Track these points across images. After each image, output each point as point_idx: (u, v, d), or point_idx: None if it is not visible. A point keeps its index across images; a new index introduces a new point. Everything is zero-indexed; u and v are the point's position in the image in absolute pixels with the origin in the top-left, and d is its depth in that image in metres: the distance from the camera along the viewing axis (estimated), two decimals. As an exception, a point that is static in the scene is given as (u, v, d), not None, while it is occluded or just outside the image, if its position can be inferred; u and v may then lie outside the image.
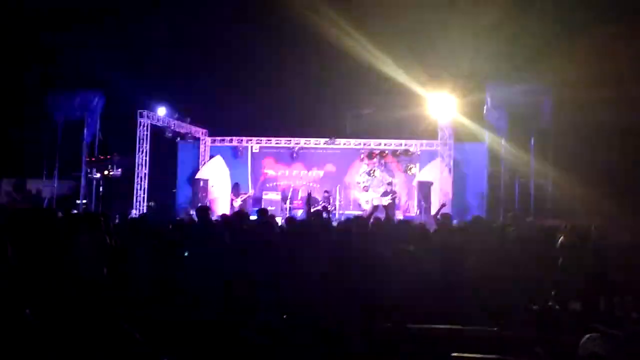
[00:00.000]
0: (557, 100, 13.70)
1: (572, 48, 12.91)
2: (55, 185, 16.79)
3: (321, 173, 20.66)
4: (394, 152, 20.00)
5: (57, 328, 3.99)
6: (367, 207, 17.01)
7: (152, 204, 18.11)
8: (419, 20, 15.37)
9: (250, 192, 19.39)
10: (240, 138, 20.88)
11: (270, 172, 20.95)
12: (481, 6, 14.43)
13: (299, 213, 17.73)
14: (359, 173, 20.45)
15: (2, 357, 3.01)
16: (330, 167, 20.65)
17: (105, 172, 16.26)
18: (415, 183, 19.09)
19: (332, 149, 20.43)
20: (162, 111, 18.38)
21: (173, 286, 5.85)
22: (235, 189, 18.69)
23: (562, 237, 7.58)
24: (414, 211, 18.56)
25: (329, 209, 15.78)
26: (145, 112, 17.58)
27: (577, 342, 2.78)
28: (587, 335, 2.61)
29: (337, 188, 19.19)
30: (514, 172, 15.61)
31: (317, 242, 6.70)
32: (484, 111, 16.09)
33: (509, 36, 14.41)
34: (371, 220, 8.59)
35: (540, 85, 14.33)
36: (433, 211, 16.91)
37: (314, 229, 7.40)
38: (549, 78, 13.60)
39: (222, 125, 20.80)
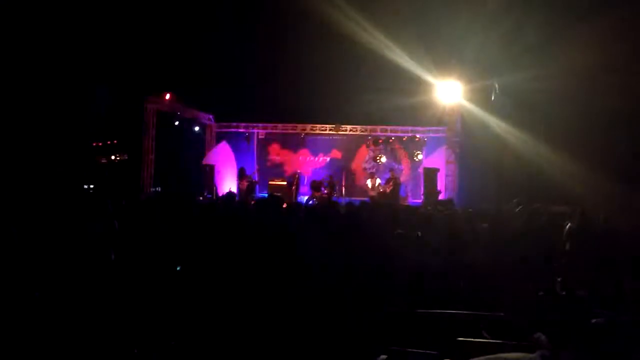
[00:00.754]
0: (566, 86, 13.60)
1: (580, 34, 12.79)
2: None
3: (327, 159, 20.66)
4: (400, 139, 19.96)
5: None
6: (373, 193, 17.00)
7: (158, 189, 18.14)
8: (426, 7, 15.25)
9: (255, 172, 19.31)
10: (247, 124, 20.88)
11: (276, 158, 20.97)
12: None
13: (305, 199, 17.74)
14: (365, 159, 20.45)
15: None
16: (336, 153, 20.64)
17: (112, 157, 16.29)
18: (421, 169, 19.07)
19: (339, 135, 20.41)
20: (168, 96, 18.34)
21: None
22: (241, 173, 18.68)
23: (569, 223, 7.56)
24: (419, 197, 18.55)
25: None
26: (151, 98, 17.57)
27: (583, 328, 2.77)
28: (593, 320, 2.60)
29: (343, 174, 19.21)
30: (521, 158, 15.53)
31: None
32: (491, 98, 16.01)
33: (517, 22, 14.27)
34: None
35: (548, 72, 14.23)
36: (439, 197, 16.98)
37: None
38: (557, 64, 13.48)
39: (228, 111, 20.79)
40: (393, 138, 19.99)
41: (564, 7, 13.50)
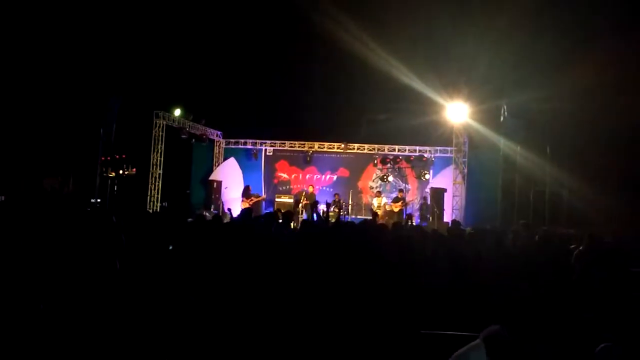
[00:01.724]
0: (574, 107, 13.59)
1: (589, 55, 12.81)
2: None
3: (334, 177, 20.66)
4: (407, 158, 19.96)
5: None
6: (380, 212, 16.95)
7: (165, 204, 18.19)
8: (435, 28, 15.33)
9: (263, 196, 19.33)
10: (255, 140, 20.95)
11: (283, 176, 20.98)
12: (497, 14, 14.37)
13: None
14: (372, 178, 20.43)
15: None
16: (343, 172, 20.65)
17: (120, 172, 16.36)
18: (428, 189, 19.02)
19: (346, 153, 20.43)
20: (177, 112, 18.46)
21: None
22: (246, 192, 18.63)
23: (578, 247, 7.50)
24: (426, 217, 18.48)
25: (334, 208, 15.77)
26: (160, 113, 17.70)
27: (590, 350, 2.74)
28: (602, 345, 2.57)
29: (350, 193, 19.18)
30: (529, 180, 15.48)
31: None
32: (500, 119, 16.00)
33: (525, 44, 14.32)
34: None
35: (556, 93, 14.23)
36: (446, 218, 16.91)
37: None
38: (565, 85, 13.49)
39: (236, 127, 20.88)
40: (401, 157, 19.98)
41: (573, 29, 13.54)
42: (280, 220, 8.34)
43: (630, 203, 11.69)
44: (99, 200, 16.76)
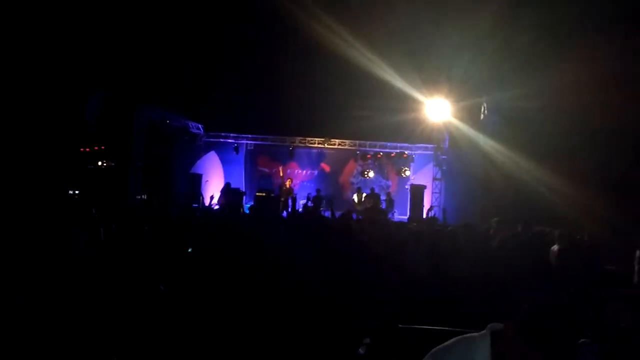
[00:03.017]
0: (553, 104, 13.73)
1: (569, 52, 12.95)
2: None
3: (315, 172, 20.69)
4: (388, 155, 20.06)
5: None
6: (359, 207, 17.01)
7: (144, 197, 18.03)
8: (416, 25, 15.38)
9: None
10: (236, 134, 20.88)
11: (264, 170, 20.96)
12: (477, 12, 14.45)
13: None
14: (352, 174, 20.50)
15: None
16: (324, 167, 20.68)
17: (99, 163, 16.20)
18: (408, 186, 19.14)
19: (327, 148, 20.47)
20: (159, 105, 18.29)
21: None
22: (226, 189, 18.13)
23: (555, 246, 7.60)
24: (406, 213, 18.60)
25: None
26: (141, 105, 17.53)
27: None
28: (582, 340, 2.63)
29: (330, 188, 19.26)
30: (508, 176, 15.62)
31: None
32: (480, 116, 16.14)
33: (506, 40, 14.42)
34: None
35: (536, 90, 14.35)
36: (424, 214, 17.04)
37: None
38: (545, 82, 13.62)
39: (218, 121, 20.78)
40: (381, 154, 20.07)
41: (553, 25, 13.66)
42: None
43: (608, 203, 11.85)
44: (77, 192, 16.58)
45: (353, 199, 18.30)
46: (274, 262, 6.20)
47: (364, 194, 18.18)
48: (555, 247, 7.55)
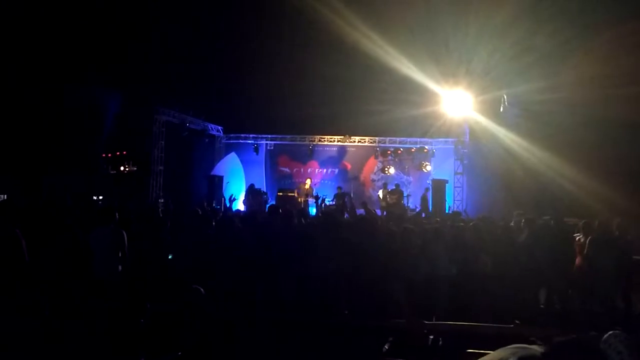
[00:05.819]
0: (575, 97, 13.54)
1: (590, 45, 12.76)
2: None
3: (336, 170, 20.64)
4: (408, 150, 19.93)
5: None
6: (383, 204, 16.93)
7: (162, 200, 18.14)
8: (436, 19, 15.28)
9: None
10: (256, 135, 20.91)
11: (285, 170, 20.96)
12: (497, 4, 14.31)
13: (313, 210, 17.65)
14: (373, 171, 20.42)
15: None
16: (345, 165, 20.63)
17: (121, 168, 16.34)
18: (429, 181, 18.99)
19: (347, 146, 20.42)
20: (178, 108, 18.37)
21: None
22: (251, 190, 18.22)
23: (579, 235, 7.49)
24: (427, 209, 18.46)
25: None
26: (161, 109, 17.63)
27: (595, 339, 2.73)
28: (610, 332, 2.57)
29: (352, 185, 19.16)
30: (530, 170, 15.44)
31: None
32: (500, 109, 15.97)
33: (526, 34, 14.26)
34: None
35: (557, 83, 14.17)
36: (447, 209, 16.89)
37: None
38: (566, 75, 13.44)
39: (237, 122, 20.83)
40: (401, 149, 19.94)
41: (574, 18, 13.48)
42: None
43: (631, 194, 11.66)
44: (100, 197, 16.76)
45: (378, 195, 18.20)
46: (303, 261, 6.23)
47: (389, 190, 18.06)
48: (580, 237, 7.44)
